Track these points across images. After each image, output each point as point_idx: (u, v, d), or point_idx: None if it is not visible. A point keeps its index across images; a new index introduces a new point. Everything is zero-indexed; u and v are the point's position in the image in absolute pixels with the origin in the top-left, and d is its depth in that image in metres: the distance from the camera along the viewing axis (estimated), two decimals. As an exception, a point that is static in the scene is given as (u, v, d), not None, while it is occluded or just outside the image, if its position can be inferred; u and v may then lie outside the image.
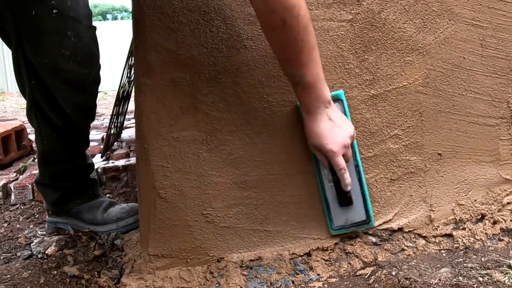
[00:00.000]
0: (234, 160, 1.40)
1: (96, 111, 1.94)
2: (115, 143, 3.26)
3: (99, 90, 1.89)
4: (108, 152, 2.91)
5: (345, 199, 1.40)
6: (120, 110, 3.24)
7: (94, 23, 1.74)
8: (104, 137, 3.22)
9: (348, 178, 1.34)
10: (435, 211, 1.50)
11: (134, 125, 1.48)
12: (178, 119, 1.36)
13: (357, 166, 1.40)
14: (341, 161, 1.32)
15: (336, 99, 1.37)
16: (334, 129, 1.30)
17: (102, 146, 3.07)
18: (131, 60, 2.91)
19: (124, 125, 3.81)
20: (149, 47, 1.32)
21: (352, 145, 1.37)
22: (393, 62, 1.42)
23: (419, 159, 1.48)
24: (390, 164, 1.46)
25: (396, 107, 1.44)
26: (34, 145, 3.37)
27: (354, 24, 1.39)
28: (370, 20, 1.39)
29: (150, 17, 1.31)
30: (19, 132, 3.29)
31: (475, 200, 1.52)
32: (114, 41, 15.10)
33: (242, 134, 1.39)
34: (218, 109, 1.37)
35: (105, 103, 9.23)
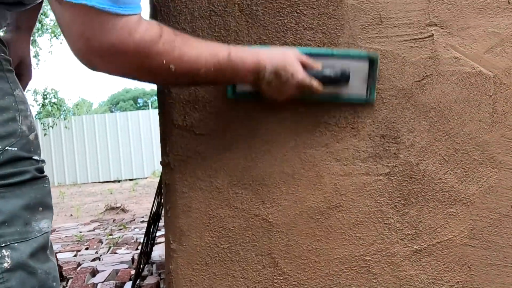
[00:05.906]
0: (271, 327, 1.30)
1: (126, 209, 1.81)
2: (146, 266, 3.13)
3: (131, 178, 1.70)
4: (139, 281, 2.81)
5: None
6: (151, 231, 3.17)
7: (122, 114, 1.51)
8: (135, 257, 3.12)
9: None
10: None
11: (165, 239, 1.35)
12: (213, 285, 1.29)
13: None
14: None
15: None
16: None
17: (132, 272, 2.94)
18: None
19: (157, 238, 3.69)
20: (179, 212, 1.28)
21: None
22: (435, 215, 1.35)
23: (472, 317, 1.36)
24: (440, 324, 1.35)
25: (442, 261, 1.35)
26: (64, 271, 3.23)
27: (392, 178, 1.33)
28: (408, 173, 1.34)
29: (182, 181, 1.28)
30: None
31: None
32: (145, 129, 15.53)
33: (278, 298, 1.31)
34: (260, 274, 1.30)
35: (135, 196, 9.20)
